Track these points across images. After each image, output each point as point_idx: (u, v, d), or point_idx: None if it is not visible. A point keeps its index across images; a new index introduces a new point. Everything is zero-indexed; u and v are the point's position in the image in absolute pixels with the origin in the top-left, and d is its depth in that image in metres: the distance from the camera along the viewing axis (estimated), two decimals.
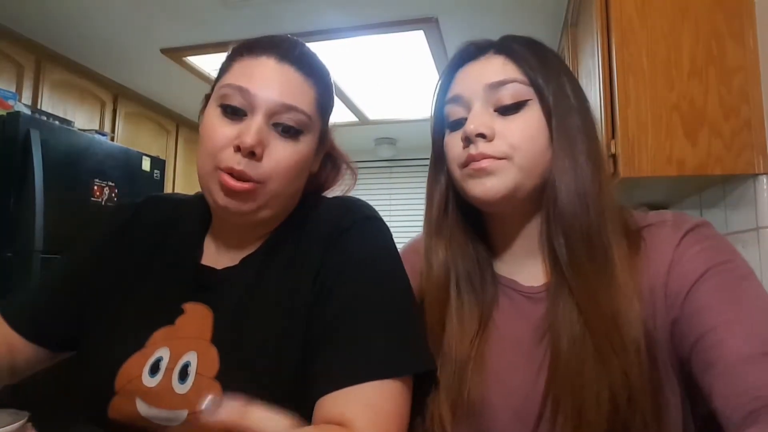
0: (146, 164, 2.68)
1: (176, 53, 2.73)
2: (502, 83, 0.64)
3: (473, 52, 0.70)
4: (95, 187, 2.36)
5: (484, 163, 0.63)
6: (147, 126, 3.39)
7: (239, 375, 0.61)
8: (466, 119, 0.66)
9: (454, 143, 0.68)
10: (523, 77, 0.65)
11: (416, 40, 2.55)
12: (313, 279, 0.66)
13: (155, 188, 2.72)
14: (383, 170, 4.63)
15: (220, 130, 0.64)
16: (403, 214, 4.42)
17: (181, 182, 3.64)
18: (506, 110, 0.64)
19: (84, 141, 2.35)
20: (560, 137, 0.64)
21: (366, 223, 0.69)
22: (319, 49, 2.50)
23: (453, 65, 0.71)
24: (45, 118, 2.30)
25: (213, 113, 0.66)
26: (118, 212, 0.80)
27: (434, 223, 0.72)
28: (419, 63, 2.82)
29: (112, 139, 2.94)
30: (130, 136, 3.19)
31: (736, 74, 1.21)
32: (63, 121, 2.43)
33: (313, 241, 0.68)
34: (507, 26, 0.71)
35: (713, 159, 1.20)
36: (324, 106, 0.71)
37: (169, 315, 0.67)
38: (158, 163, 2.76)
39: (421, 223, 0.75)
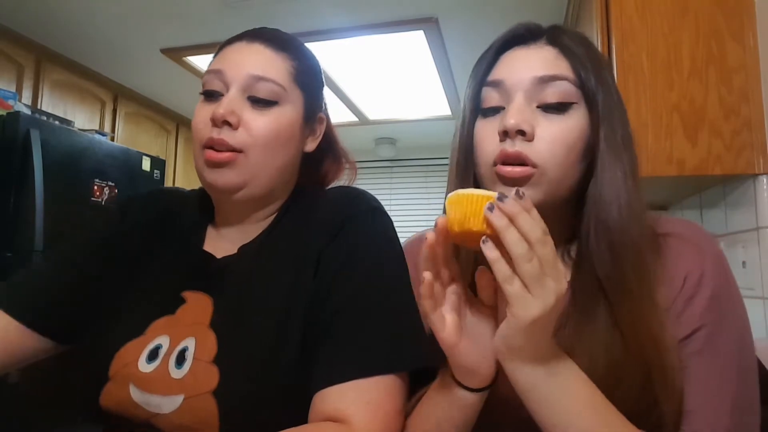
0: (146, 164, 2.68)
1: (176, 53, 2.73)
2: (551, 78, 0.59)
3: (524, 35, 0.64)
4: (95, 187, 2.36)
5: (517, 172, 0.58)
6: (147, 126, 3.39)
7: (238, 359, 0.61)
8: (502, 108, 0.62)
9: (486, 133, 0.62)
10: (574, 77, 0.60)
11: (416, 40, 2.55)
12: (314, 268, 0.65)
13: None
14: (383, 170, 4.63)
15: (200, 113, 0.68)
16: (403, 214, 4.40)
17: (181, 182, 3.63)
18: (549, 108, 0.59)
19: (84, 141, 2.35)
20: (609, 147, 0.59)
21: (371, 214, 0.69)
22: (319, 49, 2.53)
23: (498, 47, 0.66)
24: (45, 118, 2.30)
25: (198, 103, 0.71)
26: (123, 204, 0.81)
27: None
28: (419, 63, 2.82)
29: (112, 139, 2.93)
30: (130, 136, 3.19)
31: (736, 74, 1.21)
32: (63, 121, 2.43)
33: (315, 229, 0.68)
34: (507, 26, 0.70)
35: (713, 159, 1.20)
36: (304, 80, 0.72)
37: (171, 304, 0.67)
38: (158, 163, 2.76)
39: (422, 223, 0.74)
